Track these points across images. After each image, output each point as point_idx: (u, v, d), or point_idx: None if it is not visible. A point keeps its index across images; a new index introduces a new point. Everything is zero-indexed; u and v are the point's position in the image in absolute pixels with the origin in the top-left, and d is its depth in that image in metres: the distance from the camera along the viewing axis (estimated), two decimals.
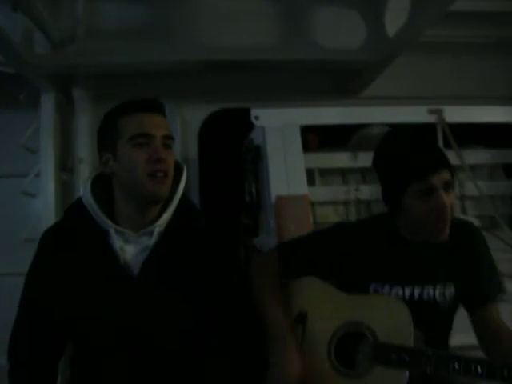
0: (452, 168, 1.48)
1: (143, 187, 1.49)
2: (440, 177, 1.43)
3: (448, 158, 1.49)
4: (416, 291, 1.53)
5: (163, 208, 1.56)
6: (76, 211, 1.59)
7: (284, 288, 1.65)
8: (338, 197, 2.67)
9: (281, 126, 2.44)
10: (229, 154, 2.74)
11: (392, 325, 1.47)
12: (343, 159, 2.63)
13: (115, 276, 1.52)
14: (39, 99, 2.63)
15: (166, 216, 1.55)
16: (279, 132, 2.43)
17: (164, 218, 1.55)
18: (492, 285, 1.56)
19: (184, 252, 1.56)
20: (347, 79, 2.75)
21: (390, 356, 1.43)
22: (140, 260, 1.53)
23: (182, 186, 1.60)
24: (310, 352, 1.56)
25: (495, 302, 1.55)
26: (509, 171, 3.04)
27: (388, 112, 2.50)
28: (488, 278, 1.56)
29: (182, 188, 1.60)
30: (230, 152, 2.74)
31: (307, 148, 2.57)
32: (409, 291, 1.53)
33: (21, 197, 2.63)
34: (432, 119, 2.63)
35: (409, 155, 1.46)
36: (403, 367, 1.41)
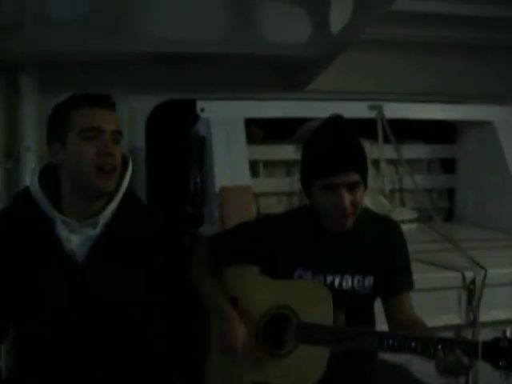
0: (363, 169, 1.54)
1: (90, 180, 1.52)
2: (345, 178, 1.50)
3: (361, 161, 1.55)
4: (336, 280, 1.60)
5: (108, 200, 1.60)
6: (23, 198, 1.61)
7: (219, 275, 1.72)
8: (282, 188, 2.76)
9: (225, 118, 2.49)
10: (175, 145, 2.77)
11: (314, 306, 1.55)
12: (288, 151, 2.71)
13: (59, 263, 1.55)
14: None
15: (111, 208, 1.59)
16: (224, 124, 2.48)
17: (109, 210, 1.59)
18: (406, 277, 1.64)
19: (127, 243, 1.60)
20: (293, 73, 2.79)
21: (312, 334, 1.52)
22: (84, 249, 1.57)
23: (128, 179, 1.64)
24: None
25: (408, 294, 1.63)
26: (446, 166, 3.19)
27: (330, 106, 2.54)
28: (404, 271, 1.64)
29: (128, 181, 1.64)
30: (177, 142, 2.77)
31: (252, 140, 2.64)
32: (330, 279, 1.60)
33: None
34: (372, 115, 2.73)
35: (323, 153, 1.53)
36: (324, 344, 1.50)
